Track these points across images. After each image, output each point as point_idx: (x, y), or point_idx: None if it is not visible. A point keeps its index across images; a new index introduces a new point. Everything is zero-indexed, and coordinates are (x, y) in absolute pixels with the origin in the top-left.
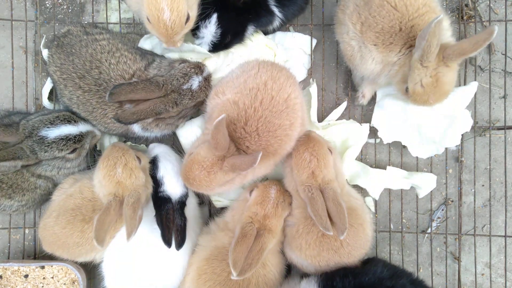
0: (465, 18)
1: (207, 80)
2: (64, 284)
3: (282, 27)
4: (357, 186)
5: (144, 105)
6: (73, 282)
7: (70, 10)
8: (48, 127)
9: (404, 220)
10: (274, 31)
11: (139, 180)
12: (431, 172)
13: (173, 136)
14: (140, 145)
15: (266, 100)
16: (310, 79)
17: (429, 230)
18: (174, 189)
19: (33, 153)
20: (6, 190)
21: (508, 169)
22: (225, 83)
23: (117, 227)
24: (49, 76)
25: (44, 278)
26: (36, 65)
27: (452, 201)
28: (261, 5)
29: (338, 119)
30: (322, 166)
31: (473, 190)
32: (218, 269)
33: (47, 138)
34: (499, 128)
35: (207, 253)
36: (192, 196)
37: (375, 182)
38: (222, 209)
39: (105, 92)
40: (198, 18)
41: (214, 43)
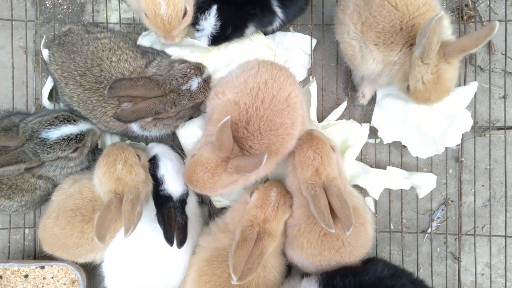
0: (465, 18)
1: (207, 82)
2: (64, 284)
3: (282, 28)
4: (357, 186)
5: (144, 104)
6: (73, 282)
7: (70, 10)
8: (49, 129)
9: (404, 220)
10: (274, 32)
11: (139, 177)
12: (431, 172)
13: (173, 136)
14: (139, 143)
15: (267, 99)
16: (310, 77)
17: (429, 230)
18: (175, 188)
19: (36, 156)
20: (6, 191)
21: (508, 169)
22: (225, 83)
23: (117, 227)
24: (50, 75)
25: (44, 278)
26: (36, 65)
27: (452, 201)
28: (265, 5)
29: (338, 119)
30: (326, 164)
31: (473, 190)
32: (219, 271)
33: (49, 140)
34: (499, 128)
35: (208, 254)
36: (192, 195)
37: (375, 182)
38: (222, 209)
39: None
40: (198, 11)
41: (214, 35)
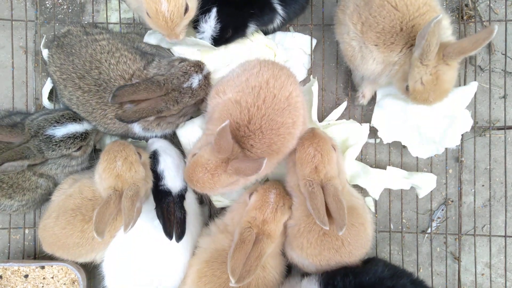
0: (465, 18)
1: (207, 78)
2: (64, 284)
3: (282, 27)
4: (357, 186)
5: (146, 104)
6: (73, 282)
7: (70, 10)
8: (55, 126)
9: (404, 220)
10: (274, 31)
11: (139, 174)
12: (431, 172)
13: (173, 136)
14: (141, 141)
15: (269, 98)
16: (311, 76)
17: (429, 230)
18: (174, 183)
19: (40, 152)
20: (7, 190)
21: (508, 169)
22: (226, 82)
23: (117, 226)
24: (49, 76)
25: (44, 278)
26: (36, 65)
27: (452, 201)
28: (264, 3)
29: (338, 119)
30: (326, 162)
31: (473, 190)
32: (218, 272)
33: (55, 137)
34: (499, 128)
35: (207, 256)
36: (191, 192)
37: (375, 182)
38: (222, 209)
39: (105, 93)
40: (199, 12)
41: (214, 38)
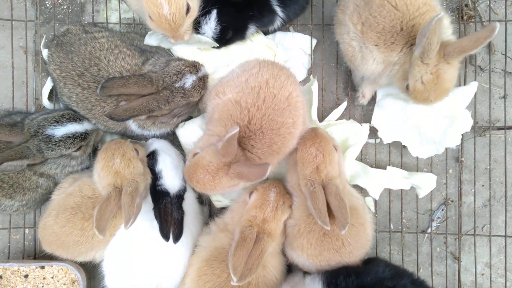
0: (465, 18)
1: (202, 80)
2: (64, 284)
3: (283, 27)
4: (357, 186)
5: (137, 102)
6: (73, 282)
7: (70, 10)
8: (55, 126)
9: (404, 220)
10: (275, 31)
11: (137, 170)
12: (431, 172)
13: (173, 136)
14: (139, 142)
15: (269, 98)
16: (311, 76)
17: (429, 230)
18: (172, 183)
19: (40, 152)
20: (7, 190)
21: (508, 169)
22: (226, 83)
23: (117, 225)
24: (49, 75)
25: (44, 278)
26: (36, 65)
27: (452, 201)
28: (264, 5)
29: (338, 119)
30: (327, 162)
31: (473, 190)
32: (218, 270)
33: (54, 137)
34: (499, 128)
35: (207, 254)
36: (190, 191)
37: (375, 182)
38: (222, 209)
39: None
40: (199, 14)
41: (215, 39)
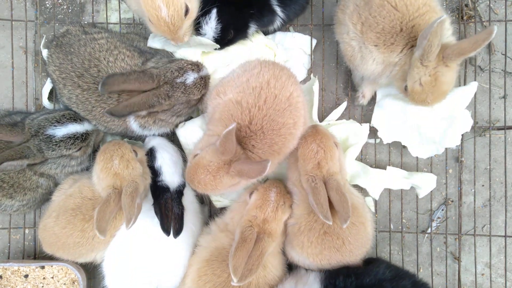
0: (465, 18)
1: (203, 80)
2: (64, 284)
3: (283, 27)
4: (357, 186)
5: (137, 98)
6: (73, 282)
7: (70, 10)
8: (55, 126)
9: (404, 220)
10: (275, 31)
11: (136, 171)
12: (431, 172)
13: (173, 136)
14: (138, 142)
15: (270, 99)
16: (311, 75)
17: (429, 230)
18: (172, 178)
19: (40, 152)
20: (8, 190)
21: (508, 169)
22: (226, 83)
23: (117, 225)
24: (49, 76)
25: (44, 278)
26: (36, 65)
27: (452, 201)
28: (263, 4)
29: (338, 119)
30: (328, 158)
31: (473, 190)
32: (218, 270)
33: (55, 137)
34: (499, 128)
35: (208, 254)
36: (190, 190)
37: (375, 182)
38: (222, 209)
39: None
40: (199, 15)
41: (216, 39)
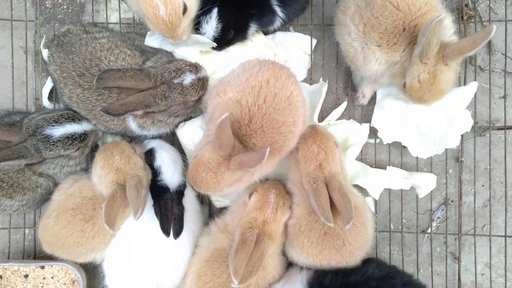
0: (465, 18)
1: (201, 81)
2: (64, 284)
3: (283, 27)
4: (357, 186)
5: (133, 97)
6: (73, 282)
7: (70, 10)
8: (53, 126)
9: (404, 220)
10: (275, 31)
11: (138, 165)
12: (431, 172)
13: (173, 136)
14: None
15: (269, 98)
16: (321, 79)
17: (429, 230)
18: (172, 178)
19: (38, 152)
20: (7, 190)
21: (508, 169)
22: (226, 82)
23: (125, 215)
24: (49, 75)
25: (44, 278)
26: (36, 65)
27: (452, 201)
28: (264, 4)
29: (338, 119)
30: (330, 159)
31: (473, 190)
32: (218, 271)
33: (52, 137)
34: (499, 128)
35: (207, 255)
36: (191, 189)
37: (375, 182)
38: (222, 209)
39: (105, 90)
40: (200, 14)
41: (216, 39)
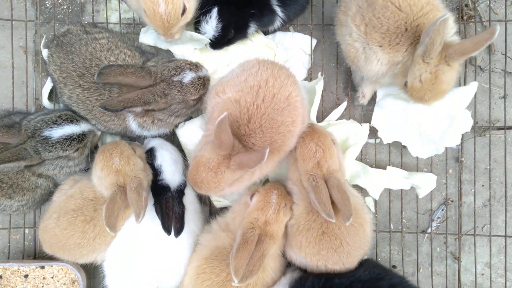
0: (465, 18)
1: (202, 80)
2: (64, 284)
3: (283, 27)
4: (357, 186)
5: (133, 94)
6: (73, 282)
7: (70, 10)
8: (51, 127)
9: (404, 220)
10: (275, 31)
11: (138, 166)
12: (431, 172)
13: (173, 137)
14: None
15: (268, 98)
16: (319, 73)
17: (429, 230)
18: (173, 177)
19: (37, 153)
20: (6, 190)
21: (508, 169)
22: (225, 82)
23: (126, 216)
24: (49, 75)
25: (44, 278)
26: (36, 65)
27: (452, 201)
28: (264, 4)
29: (338, 119)
30: (328, 157)
31: (473, 190)
32: (217, 269)
33: (51, 138)
34: (499, 128)
35: (207, 253)
36: (191, 189)
37: (375, 182)
38: (223, 209)
39: (105, 90)
40: (200, 13)
41: (217, 38)
